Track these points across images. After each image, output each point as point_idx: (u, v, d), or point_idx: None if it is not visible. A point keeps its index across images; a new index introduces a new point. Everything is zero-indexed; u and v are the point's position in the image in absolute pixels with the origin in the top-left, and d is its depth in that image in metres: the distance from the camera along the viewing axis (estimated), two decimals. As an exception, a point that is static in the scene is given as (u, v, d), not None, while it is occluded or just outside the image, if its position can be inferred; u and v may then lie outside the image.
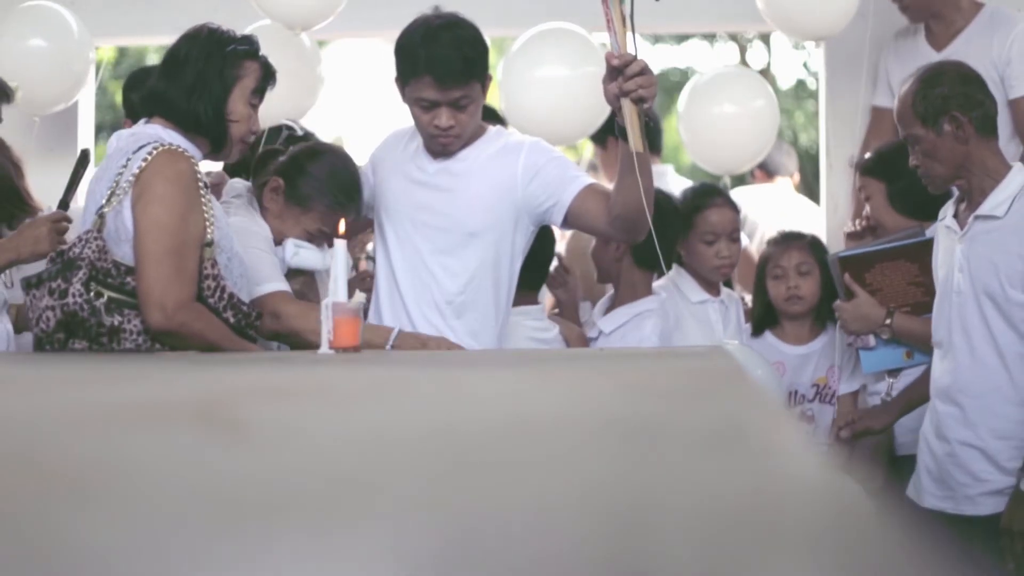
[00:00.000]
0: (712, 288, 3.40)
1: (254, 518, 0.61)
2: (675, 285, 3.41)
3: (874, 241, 3.19)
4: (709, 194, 3.44)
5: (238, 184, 2.90)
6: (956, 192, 2.85)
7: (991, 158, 2.74)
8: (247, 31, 3.85)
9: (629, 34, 2.42)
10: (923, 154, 2.75)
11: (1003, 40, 3.48)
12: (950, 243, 2.80)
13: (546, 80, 3.73)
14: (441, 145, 2.76)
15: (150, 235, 2.31)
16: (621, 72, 2.40)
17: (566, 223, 2.80)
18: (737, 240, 3.41)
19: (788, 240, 3.37)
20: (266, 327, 2.57)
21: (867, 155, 3.38)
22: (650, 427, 1.03)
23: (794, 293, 3.26)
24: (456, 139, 2.75)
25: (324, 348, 2.24)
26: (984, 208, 2.72)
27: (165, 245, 2.30)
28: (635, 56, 2.40)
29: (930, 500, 2.81)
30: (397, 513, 0.63)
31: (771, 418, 1.11)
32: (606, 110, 2.57)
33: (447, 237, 2.78)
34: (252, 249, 2.67)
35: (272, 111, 3.54)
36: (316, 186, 2.75)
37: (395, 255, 2.82)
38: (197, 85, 2.43)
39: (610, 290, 3.37)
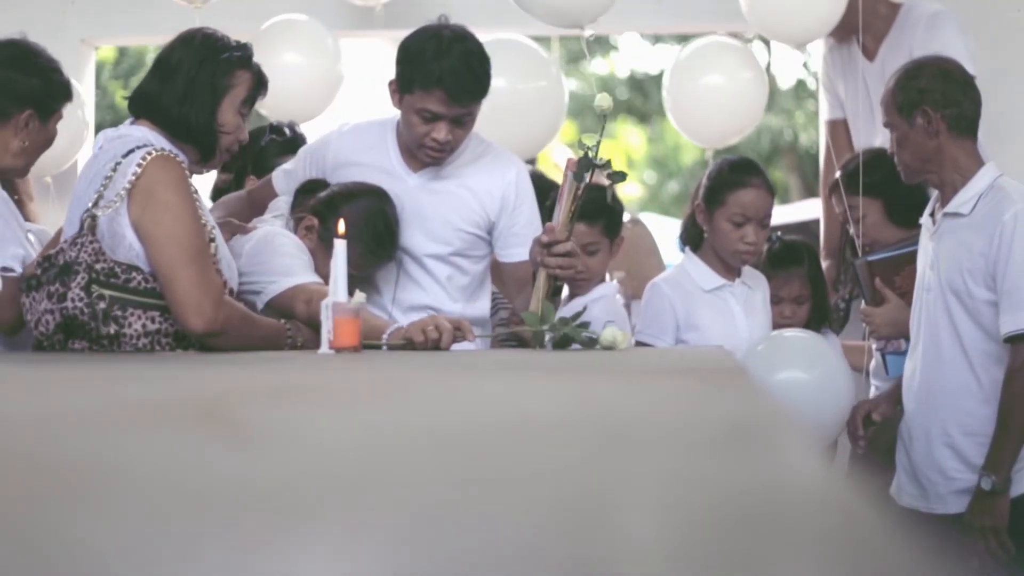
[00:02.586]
0: (729, 272, 3.10)
1: (254, 518, 0.61)
2: (685, 272, 3.12)
3: (900, 243, 3.14)
4: (747, 171, 3.10)
5: (283, 204, 2.86)
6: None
7: (963, 156, 2.77)
8: (269, 24, 3.87)
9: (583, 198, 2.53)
10: (896, 143, 2.80)
11: (913, 30, 3.51)
12: (925, 241, 2.84)
13: (494, 91, 3.71)
14: (432, 157, 2.75)
15: (171, 245, 2.29)
16: (549, 246, 2.50)
17: (498, 264, 2.89)
18: (767, 227, 3.09)
19: (788, 265, 3.24)
20: (301, 312, 2.54)
21: (839, 172, 3.31)
22: (652, 429, 1.03)
23: (788, 322, 3.22)
24: (449, 153, 2.75)
25: (324, 348, 2.24)
26: (951, 205, 2.76)
27: (188, 252, 2.29)
28: (568, 237, 2.51)
29: (906, 499, 2.83)
30: (397, 513, 0.63)
31: (772, 419, 1.11)
32: (554, 127, 2.63)
33: (433, 250, 2.79)
34: (283, 247, 2.66)
35: (291, 108, 3.53)
36: (349, 231, 2.71)
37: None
38: (188, 93, 2.39)
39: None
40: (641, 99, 16.37)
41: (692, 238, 3.15)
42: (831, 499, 0.67)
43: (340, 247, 2.28)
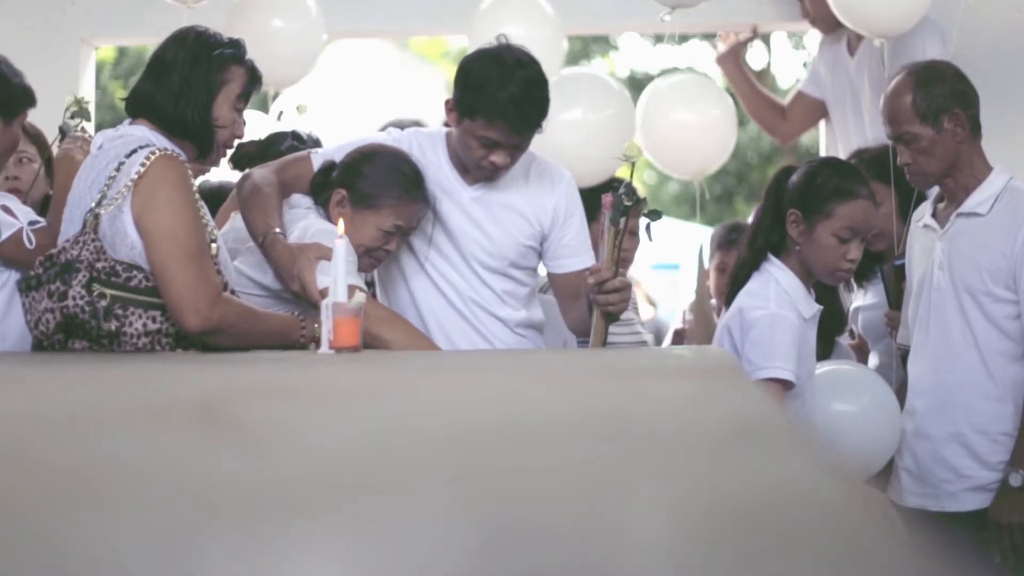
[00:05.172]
0: (809, 288, 2.78)
1: (254, 517, 0.61)
2: (786, 293, 2.73)
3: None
4: (856, 179, 2.76)
5: (303, 200, 2.84)
6: (935, 192, 2.89)
7: (977, 158, 2.79)
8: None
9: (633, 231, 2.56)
10: (918, 151, 2.78)
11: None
12: (928, 242, 2.83)
13: (569, 122, 3.68)
14: (488, 176, 2.77)
15: (168, 242, 2.29)
16: (599, 285, 2.51)
17: (548, 277, 2.90)
18: (866, 243, 2.78)
19: None
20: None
21: (851, 156, 3.29)
22: (653, 429, 1.03)
23: None
24: (504, 172, 2.76)
25: (324, 348, 2.24)
26: (967, 206, 2.76)
27: (186, 249, 2.29)
28: (615, 274, 2.51)
29: (912, 499, 2.82)
30: (397, 513, 0.63)
31: (772, 419, 1.11)
32: (614, 154, 2.65)
33: (491, 264, 2.80)
34: (318, 233, 2.65)
35: (274, 72, 3.50)
36: (380, 183, 2.69)
37: (422, 275, 2.81)
38: (183, 90, 2.41)
39: None
40: (641, 99, 16.34)
41: (774, 246, 2.78)
42: (832, 499, 0.67)
43: (340, 246, 2.28)
